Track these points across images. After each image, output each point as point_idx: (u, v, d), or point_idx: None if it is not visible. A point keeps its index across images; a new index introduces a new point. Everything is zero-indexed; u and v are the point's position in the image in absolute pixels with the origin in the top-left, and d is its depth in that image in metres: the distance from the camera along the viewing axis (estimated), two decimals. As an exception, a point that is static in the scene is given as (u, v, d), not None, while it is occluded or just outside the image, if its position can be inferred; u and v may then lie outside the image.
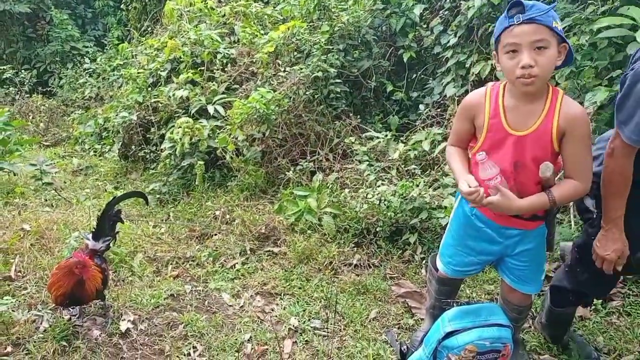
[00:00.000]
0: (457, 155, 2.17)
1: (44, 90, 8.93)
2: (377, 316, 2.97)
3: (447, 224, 3.42)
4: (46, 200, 4.42)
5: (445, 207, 3.50)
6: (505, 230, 2.14)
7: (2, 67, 9.00)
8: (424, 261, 3.47)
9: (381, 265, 3.49)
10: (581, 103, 3.41)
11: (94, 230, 2.70)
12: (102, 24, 10.47)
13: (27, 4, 9.36)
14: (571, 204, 3.47)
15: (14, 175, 4.91)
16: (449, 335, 2.19)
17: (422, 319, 2.95)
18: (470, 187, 1.94)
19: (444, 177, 3.84)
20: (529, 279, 2.25)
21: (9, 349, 2.34)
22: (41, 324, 2.51)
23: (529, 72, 1.78)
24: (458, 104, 4.69)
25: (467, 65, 4.64)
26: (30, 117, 7.43)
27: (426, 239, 3.45)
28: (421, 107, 4.70)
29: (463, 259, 2.35)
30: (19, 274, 2.94)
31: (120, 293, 2.87)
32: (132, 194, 3.48)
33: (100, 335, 2.52)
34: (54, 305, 2.52)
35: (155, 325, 2.69)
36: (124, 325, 2.60)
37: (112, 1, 10.21)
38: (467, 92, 4.58)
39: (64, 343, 2.40)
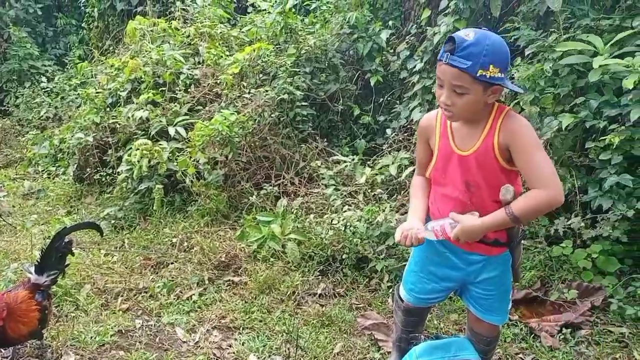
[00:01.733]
0: (419, 189, 2.18)
1: (-1, 109, 8.53)
2: (341, 350, 2.81)
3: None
4: (-11, 226, 4.10)
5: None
6: (467, 255, 2.08)
7: (-48, 85, 8.58)
8: (390, 290, 3.34)
9: (347, 295, 3.35)
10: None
11: (37, 262, 2.47)
12: (63, 42, 10.15)
13: (-17, 21, 9.02)
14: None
15: (-44, 199, 4.58)
16: (417, 372, 2.07)
17: (389, 353, 2.81)
18: (400, 236, 1.99)
19: (409, 201, 3.75)
20: (494, 309, 2.17)
21: None
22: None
23: (447, 110, 1.83)
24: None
25: (433, 90, 4.59)
26: (-20, 137, 7.05)
27: (393, 266, 3.33)
28: (388, 131, 4.64)
29: (425, 286, 2.26)
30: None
31: (61, 330, 2.62)
32: (84, 225, 3.21)
33: (34, 380, 2.27)
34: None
35: (99, 367, 2.45)
36: (62, 368, 2.36)
37: (74, 20, 9.94)
38: (433, 116, 4.56)
39: (-9, 390, 2.14)
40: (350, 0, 5.27)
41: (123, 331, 2.76)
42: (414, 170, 3.99)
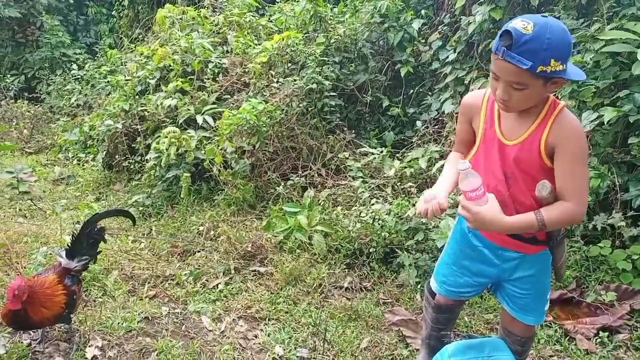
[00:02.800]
0: (450, 165, 2.07)
1: (31, 96, 8.68)
2: (368, 345, 2.75)
3: (443, 245, 3.26)
4: (20, 210, 4.17)
5: (440, 229, 3.31)
6: (502, 251, 1.99)
7: (-12, 72, 8.79)
8: (419, 285, 3.26)
9: (374, 289, 3.28)
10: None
11: (68, 247, 2.48)
12: (94, 31, 10.29)
13: (18, 8, 9.17)
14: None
15: (-11, 182, 4.68)
16: (448, 372, 2.00)
17: (417, 350, 2.74)
18: (422, 205, 1.87)
19: (441, 196, 3.65)
20: (529, 308, 2.07)
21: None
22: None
23: (503, 103, 1.73)
24: (456, 121, 4.58)
25: (466, 82, 4.50)
26: (14, 123, 7.18)
27: (422, 262, 3.25)
28: (418, 123, 4.53)
29: (457, 279, 2.19)
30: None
31: (88, 315, 2.63)
32: (115, 212, 3.21)
33: (63, 363, 2.28)
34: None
35: (126, 352, 2.45)
36: (90, 352, 2.36)
37: (104, 9, 10.06)
38: (465, 109, 4.43)
39: (22, 372, 2.16)
40: (381, -12, 5.15)
41: (150, 318, 2.76)
42: (441, 166, 3.94)
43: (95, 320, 2.60)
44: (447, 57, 4.72)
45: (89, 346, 2.40)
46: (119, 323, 2.62)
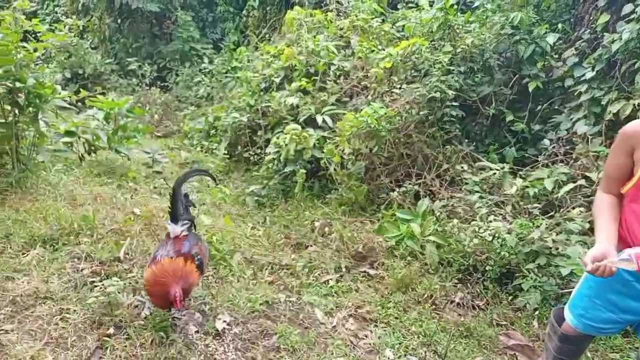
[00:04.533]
0: (606, 209, 1.94)
1: (161, 85, 9.54)
2: (480, 365, 2.68)
3: (568, 273, 3.08)
4: (155, 187, 4.60)
5: (569, 257, 3.12)
6: None
7: (128, 60, 9.76)
8: (536, 312, 3.11)
9: (487, 309, 3.19)
10: None
11: (168, 212, 2.62)
12: (220, 28, 11.02)
13: (157, 3, 10.09)
14: None
15: (128, 160, 5.20)
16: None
17: (532, 378, 2.63)
18: (591, 264, 1.75)
19: (568, 221, 3.45)
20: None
21: (112, 330, 2.37)
22: (142, 310, 2.53)
23: None
24: (589, 143, 4.29)
25: (604, 103, 4.19)
26: (147, 108, 7.92)
27: (547, 286, 3.08)
28: (546, 141, 4.31)
29: (600, 314, 2.07)
30: (127, 256, 3.02)
31: (219, 291, 2.85)
32: (196, 172, 3.29)
33: (196, 332, 2.49)
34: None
35: (249, 331, 2.62)
36: (219, 325, 2.56)
37: (232, 7, 10.72)
38: (600, 132, 4.14)
39: (162, 334, 2.39)
40: (514, -1, 4.97)
41: (270, 302, 2.92)
42: (574, 188, 3.71)
43: (224, 298, 2.81)
44: (584, 75, 4.42)
45: (218, 319, 2.60)
46: (243, 303, 2.81)
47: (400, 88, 4.64)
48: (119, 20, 10.50)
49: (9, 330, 2.28)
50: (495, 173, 4.11)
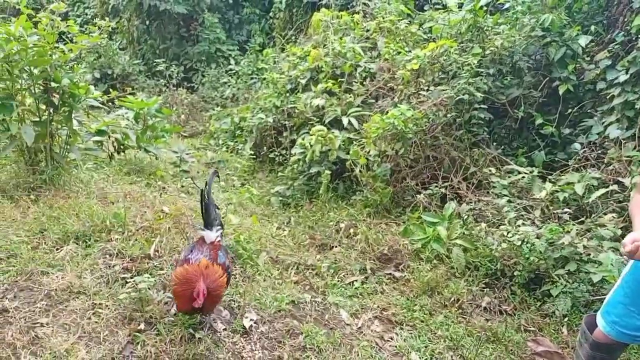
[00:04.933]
0: None
1: (188, 86, 9.68)
2: (508, 371, 2.65)
3: (599, 280, 3.01)
4: (182, 186, 4.67)
5: (600, 264, 3.05)
6: None
7: (155, 61, 9.93)
8: (565, 319, 3.05)
9: (514, 314, 3.14)
10: None
11: (203, 219, 2.61)
12: (246, 30, 11.13)
13: (185, 5, 10.24)
14: None
15: (156, 159, 5.29)
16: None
17: (562, 386, 2.58)
18: (631, 245, 1.76)
19: (599, 227, 3.38)
20: None
21: (142, 326, 2.42)
22: (172, 307, 2.57)
23: None
24: (621, 148, 4.18)
25: (637, 107, 4.10)
26: (174, 109, 8.04)
27: (578, 292, 3.03)
28: (577, 145, 4.23)
29: (634, 322, 2.04)
30: (157, 253, 3.07)
31: (247, 290, 2.88)
32: (213, 176, 3.22)
33: (224, 330, 2.52)
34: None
35: (276, 330, 2.64)
36: (247, 323, 2.58)
37: (258, 9, 10.82)
38: (633, 136, 4.05)
39: (191, 330, 2.43)
40: (545, 1, 4.88)
41: (295, 302, 2.93)
42: (606, 193, 3.63)
43: (251, 296, 2.83)
44: (617, 78, 4.33)
45: (245, 318, 2.63)
46: (270, 302, 2.83)
47: (427, 90, 4.62)
48: (147, 22, 10.69)
49: (44, 324, 2.34)
50: (524, 177, 4.05)
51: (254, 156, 5.85)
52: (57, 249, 2.95)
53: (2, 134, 3.75)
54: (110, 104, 6.45)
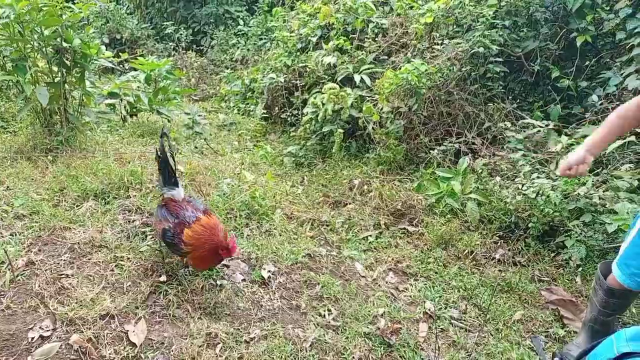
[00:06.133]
0: (616, 116, 2.06)
1: (197, 49, 9.59)
2: (521, 319, 2.70)
3: (614, 231, 3.01)
4: (196, 147, 4.70)
5: (616, 213, 3.04)
6: None
7: (164, 24, 9.82)
8: (579, 269, 3.07)
9: (528, 265, 3.17)
10: None
11: (173, 182, 2.45)
12: (254, -11, 10.92)
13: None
14: None
15: (169, 121, 5.31)
16: (625, 356, 1.88)
17: (575, 332, 2.62)
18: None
19: (616, 179, 3.35)
20: None
21: (164, 277, 2.49)
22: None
23: None
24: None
25: (658, 56, 3.97)
26: (184, 72, 8.00)
27: (593, 241, 3.03)
28: (594, 97, 4.14)
29: None
30: (174, 209, 3.12)
31: (263, 244, 2.93)
32: (164, 134, 3.04)
33: (242, 280, 2.59)
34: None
35: (293, 281, 2.70)
36: (265, 274, 2.65)
37: (266, -32, 10.57)
38: (654, 86, 3.94)
39: (212, 280, 2.50)
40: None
41: (311, 255, 2.98)
42: (622, 145, 3.58)
43: (268, 249, 2.89)
44: (637, 27, 4.18)
45: (263, 269, 2.69)
46: (287, 254, 2.88)
47: (441, 44, 4.52)
48: (154, -16, 10.53)
49: (69, 275, 2.42)
50: (539, 131, 4.00)
51: (266, 117, 5.83)
52: (77, 206, 3.01)
53: (17, 97, 3.78)
54: (120, 66, 6.45)
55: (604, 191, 3.21)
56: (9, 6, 3.39)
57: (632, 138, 3.58)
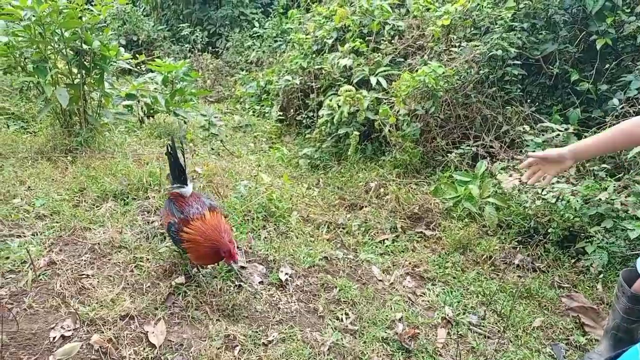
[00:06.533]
0: (621, 126, 1.90)
1: (212, 50, 9.64)
2: (541, 325, 2.66)
3: (636, 237, 2.96)
4: (212, 149, 4.72)
5: (638, 219, 2.99)
6: None
7: (180, 26, 9.89)
8: (600, 275, 3.02)
9: (548, 271, 3.12)
10: None
11: (182, 178, 2.46)
12: (269, -8, 10.96)
13: (207, -31, 10.11)
14: None
15: (185, 122, 5.34)
16: (651, 366, 1.85)
17: (596, 340, 2.58)
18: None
19: (638, 184, 3.29)
20: None
21: (182, 279, 2.50)
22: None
23: None
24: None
25: (682, 59, 3.91)
26: (200, 74, 8.05)
27: (615, 247, 2.98)
28: (615, 101, 4.07)
29: None
30: (192, 211, 3.13)
31: (281, 246, 2.93)
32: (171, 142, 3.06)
33: (260, 283, 2.59)
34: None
35: (310, 284, 2.69)
36: (282, 276, 2.65)
37: (281, -30, 10.60)
38: (676, 90, 3.88)
39: (230, 282, 2.50)
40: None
41: (328, 258, 2.98)
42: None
43: (285, 251, 2.89)
44: (660, 29, 4.12)
45: (280, 272, 2.69)
46: (304, 257, 2.88)
47: (458, 46, 4.48)
48: (170, -13, 10.62)
49: (90, 275, 2.45)
50: (558, 134, 3.94)
51: (281, 119, 5.84)
52: (96, 207, 3.04)
53: (37, 98, 3.83)
54: (138, 67, 6.51)
55: (625, 197, 3.16)
56: (30, 8, 3.45)
57: (655, 143, 3.52)
